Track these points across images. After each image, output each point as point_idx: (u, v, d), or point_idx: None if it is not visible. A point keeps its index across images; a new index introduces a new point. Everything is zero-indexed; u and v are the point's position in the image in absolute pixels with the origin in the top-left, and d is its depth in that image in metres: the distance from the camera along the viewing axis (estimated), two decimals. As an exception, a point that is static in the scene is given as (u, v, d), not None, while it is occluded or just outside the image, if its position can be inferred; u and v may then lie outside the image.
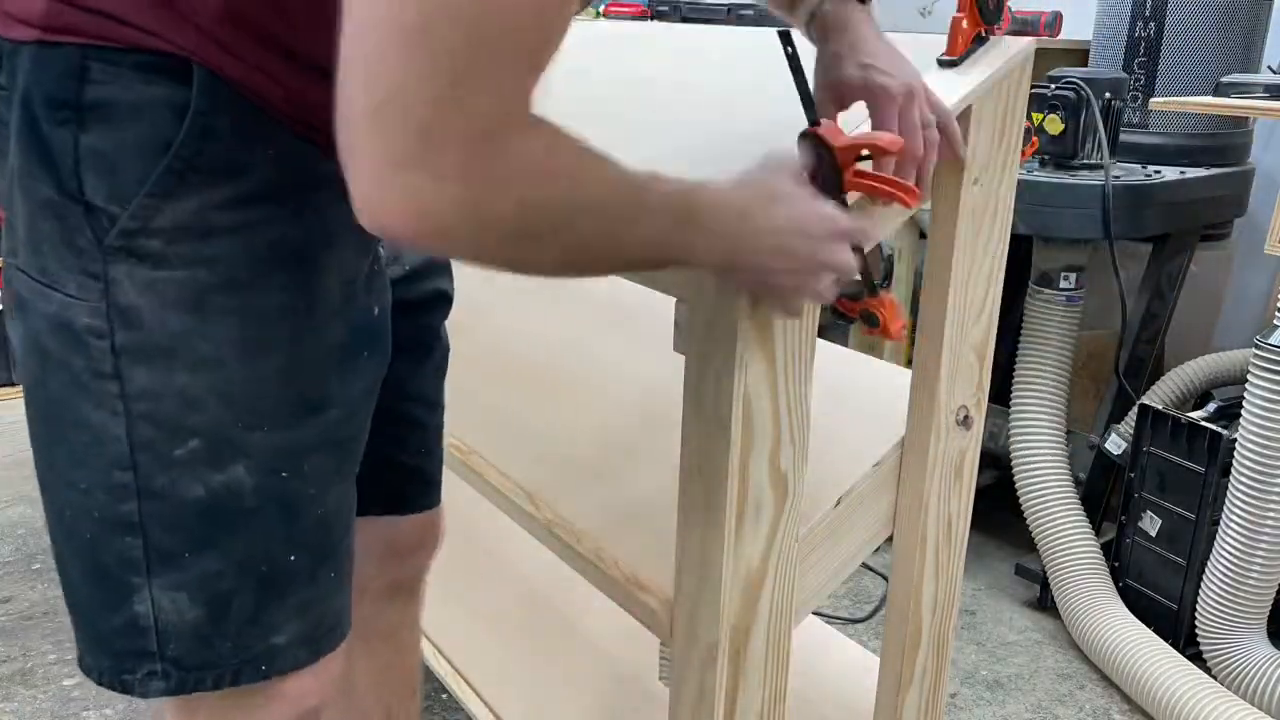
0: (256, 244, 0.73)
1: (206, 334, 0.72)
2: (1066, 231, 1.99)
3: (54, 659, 1.93)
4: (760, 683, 0.98)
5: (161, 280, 0.71)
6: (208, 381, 0.73)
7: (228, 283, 0.72)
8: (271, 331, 0.75)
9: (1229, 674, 1.81)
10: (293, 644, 0.82)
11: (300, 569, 0.81)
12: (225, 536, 0.77)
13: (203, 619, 0.78)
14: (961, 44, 0.97)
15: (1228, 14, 2.09)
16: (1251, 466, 1.73)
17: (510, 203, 0.59)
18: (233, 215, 0.71)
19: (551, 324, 1.65)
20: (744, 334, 0.85)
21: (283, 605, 0.81)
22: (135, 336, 0.71)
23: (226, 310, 0.73)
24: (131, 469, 0.74)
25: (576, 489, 1.21)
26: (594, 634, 1.69)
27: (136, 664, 0.79)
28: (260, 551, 0.79)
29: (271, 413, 0.76)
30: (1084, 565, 2.03)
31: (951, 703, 1.88)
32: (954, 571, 1.15)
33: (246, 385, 0.75)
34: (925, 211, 1.02)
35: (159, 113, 0.68)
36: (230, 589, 0.78)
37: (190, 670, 0.79)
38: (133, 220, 0.69)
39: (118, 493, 0.75)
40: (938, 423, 1.06)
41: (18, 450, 2.79)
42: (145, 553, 0.76)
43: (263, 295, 0.74)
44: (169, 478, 0.74)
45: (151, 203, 0.69)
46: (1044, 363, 2.11)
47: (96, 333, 0.71)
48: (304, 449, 0.79)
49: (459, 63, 0.54)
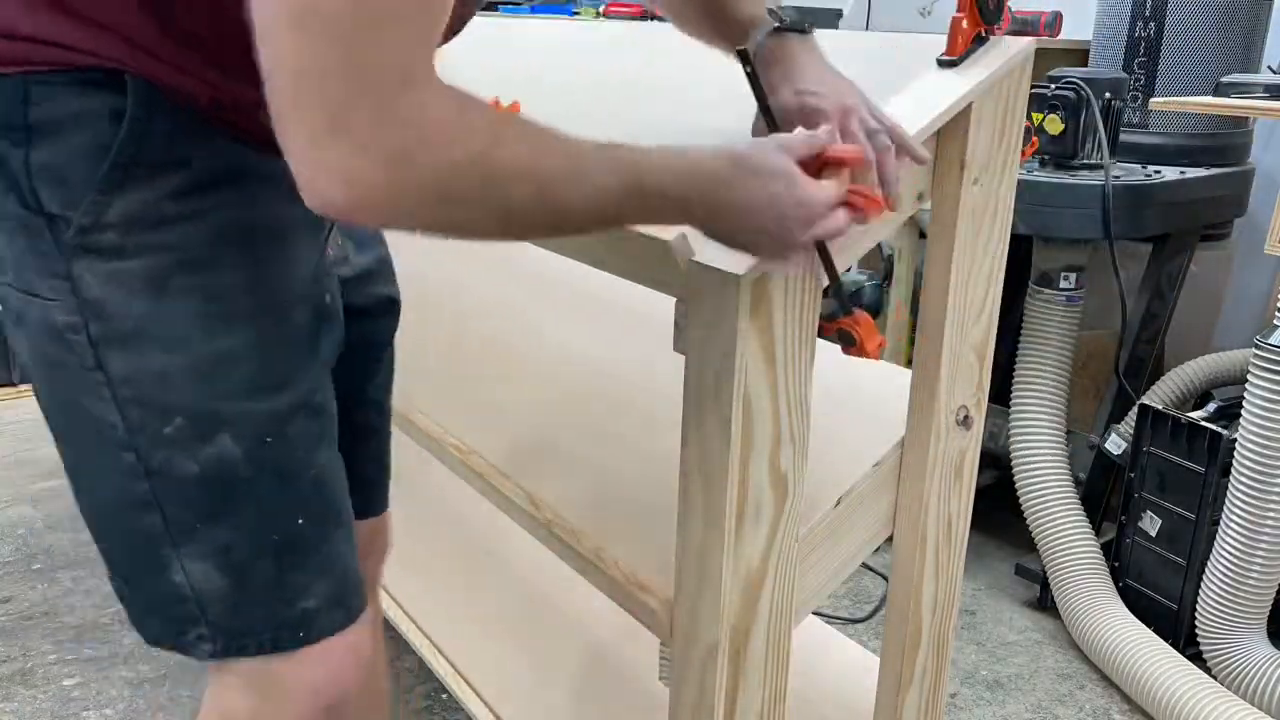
0: (210, 227, 0.78)
1: (170, 314, 0.77)
2: (1066, 231, 1.99)
3: (54, 659, 1.93)
4: (760, 683, 0.98)
5: (121, 270, 0.76)
6: (180, 358, 0.78)
7: (185, 264, 0.77)
8: (232, 306, 0.80)
9: (1229, 674, 1.81)
10: (325, 607, 0.87)
11: (311, 532, 0.85)
12: (229, 507, 0.82)
13: (229, 587, 0.83)
14: (961, 44, 0.97)
15: (1228, 14, 2.09)
16: (1251, 466, 1.73)
17: (429, 164, 0.62)
18: (184, 203, 0.76)
19: (551, 324, 1.65)
20: (744, 334, 0.85)
21: (304, 569, 0.85)
22: (106, 326, 0.76)
23: (187, 290, 0.77)
24: (134, 450, 0.79)
25: (577, 489, 1.21)
26: (594, 634, 1.69)
27: (186, 626, 0.84)
28: (270, 518, 0.83)
29: (244, 384, 0.81)
30: (1084, 565, 2.03)
31: (951, 703, 1.88)
32: (954, 571, 1.15)
33: (216, 360, 0.79)
34: (925, 211, 1.02)
35: (97, 121, 0.73)
36: (246, 558, 0.83)
37: (233, 636, 0.84)
38: (85, 217, 0.74)
39: (129, 474, 0.80)
40: (938, 423, 1.06)
41: (18, 450, 2.79)
42: (166, 527, 0.81)
43: (220, 273, 0.79)
44: (164, 455, 0.79)
45: (101, 199, 0.74)
46: (1044, 363, 2.11)
47: (74, 329, 0.77)
48: (284, 414, 0.83)
49: (349, 32, 0.58)
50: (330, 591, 0.87)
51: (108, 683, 1.87)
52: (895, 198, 0.84)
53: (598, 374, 1.48)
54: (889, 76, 0.99)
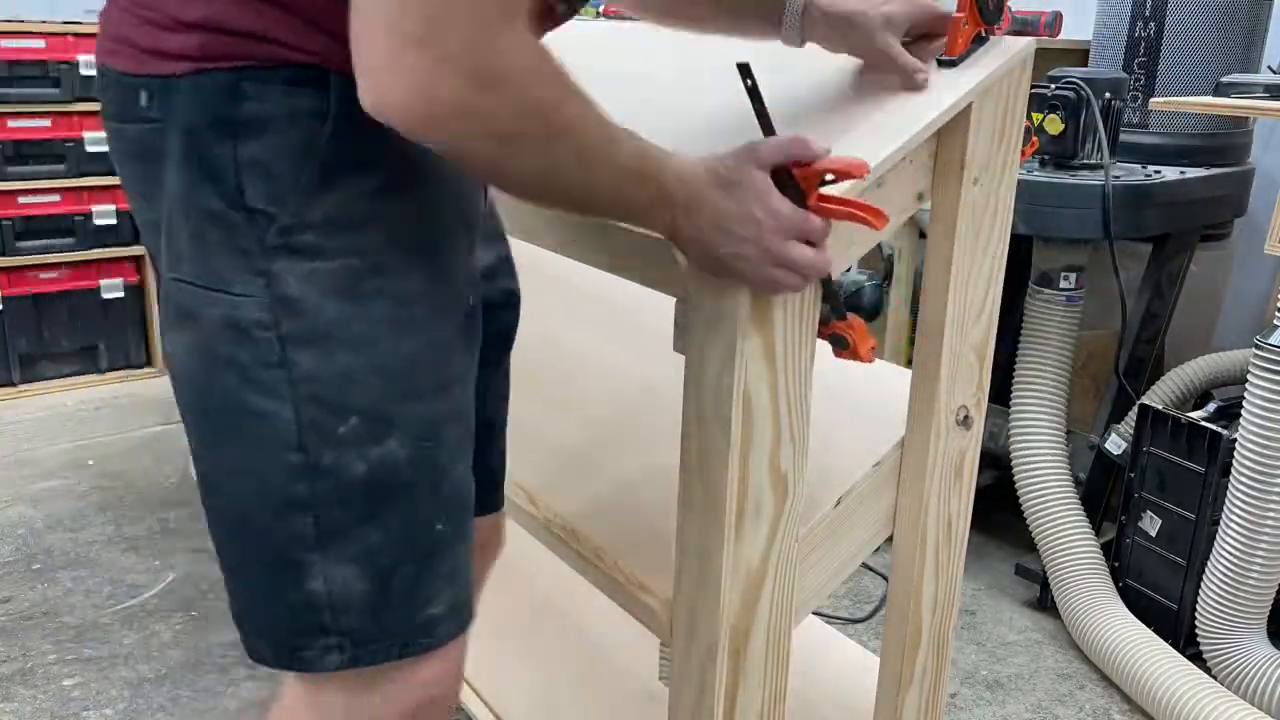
0: (398, 229, 0.80)
1: (361, 316, 0.78)
2: (1066, 231, 1.99)
3: (54, 659, 1.93)
4: (760, 683, 0.98)
5: (319, 270, 0.77)
6: (365, 360, 0.79)
7: (375, 268, 0.79)
8: (413, 311, 0.81)
9: (1229, 674, 1.81)
10: (447, 615, 0.87)
11: (447, 536, 0.86)
12: (386, 509, 0.82)
13: (370, 592, 0.82)
14: (961, 44, 0.97)
15: (1228, 14, 2.09)
16: (1251, 466, 1.73)
17: (508, 96, 0.66)
18: (373, 207, 0.78)
19: (551, 323, 1.65)
20: (744, 334, 0.85)
21: (437, 574, 0.85)
22: (298, 324, 0.77)
23: (377, 294, 0.79)
24: (302, 450, 0.79)
25: (577, 489, 1.21)
26: (594, 634, 1.69)
27: (313, 639, 0.83)
28: (417, 522, 0.84)
29: (418, 386, 0.82)
30: (1084, 565, 2.03)
31: (951, 703, 1.88)
32: (954, 571, 1.15)
33: (398, 361, 0.80)
34: (925, 211, 1.02)
35: (304, 119, 0.75)
36: (393, 561, 0.83)
37: (363, 644, 0.84)
38: (289, 217, 0.76)
39: (291, 473, 0.79)
40: (938, 423, 1.06)
41: (18, 450, 2.79)
42: (317, 529, 0.81)
43: (405, 279, 0.80)
44: (335, 455, 0.79)
45: (304, 200, 0.76)
46: (1044, 363, 2.11)
47: (263, 325, 0.77)
48: (442, 419, 0.85)
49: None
50: (452, 599, 0.87)
51: (108, 683, 1.87)
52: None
53: (598, 374, 1.49)
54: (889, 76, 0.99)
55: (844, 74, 1.02)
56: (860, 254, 0.98)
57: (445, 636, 0.87)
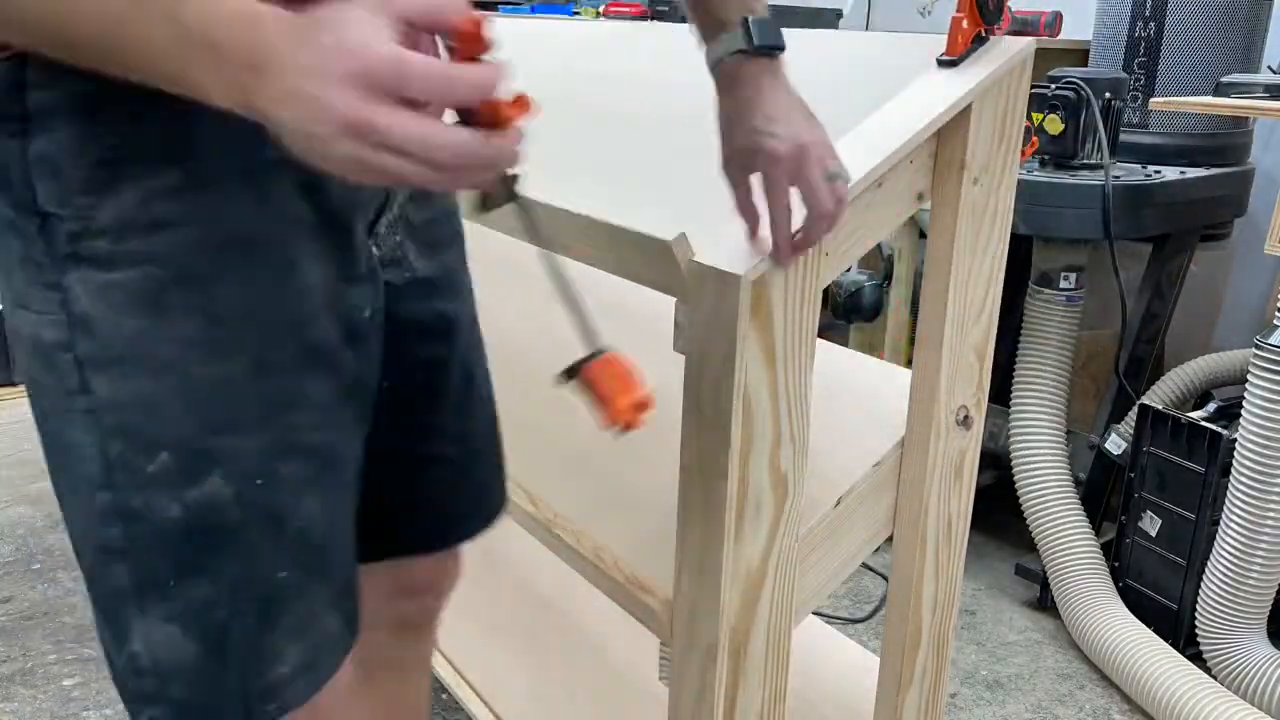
0: (209, 236, 0.68)
1: (164, 335, 0.68)
2: (1066, 231, 1.99)
3: (54, 659, 1.93)
4: (760, 683, 0.98)
5: (113, 282, 0.67)
6: (170, 386, 0.68)
7: (184, 278, 0.68)
8: (239, 330, 0.70)
9: (1229, 674, 1.81)
10: (297, 673, 0.77)
11: (292, 585, 0.75)
12: (212, 558, 0.71)
13: (200, 654, 0.72)
14: (961, 44, 0.97)
15: (1228, 14, 2.09)
16: (1251, 466, 1.73)
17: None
18: (179, 205, 0.67)
19: (551, 323, 1.65)
20: (744, 334, 0.85)
21: (282, 629, 0.75)
22: (93, 345, 0.67)
23: (187, 309, 0.68)
24: (109, 488, 0.69)
25: (576, 488, 1.21)
26: (594, 634, 1.69)
27: (143, 706, 0.74)
28: (252, 571, 0.73)
29: (241, 415, 0.71)
30: (1084, 565, 2.03)
31: (951, 703, 1.88)
32: (954, 571, 1.15)
33: (213, 388, 0.70)
34: (925, 211, 1.02)
35: (92, 103, 0.64)
36: (226, 617, 0.72)
37: (196, 714, 0.74)
38: (76, 222, 0.66)
39: (102, 516, 0.70)
40: (938, 423, 1.06)
41: (18, 450, 2.79)
42: (133, 581, 0.71)
43: (221, 288, 0.69)
44: (144, 497, 0.69)
45: (90, 200, 0.65)
46: (1044, 363, 2.11)
47: (61, 346, 0.68)
48: (277, 453, 0.73)
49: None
50: (303, 656, 0.77)
51: (108, 683, 1.86)
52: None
53: (598, 374, 1.48)
54: (889, 76, 0.99)
55: (843, 74, 1.02)
56: (861, 253, 0.98)
57: (298, 698, 0.76)
